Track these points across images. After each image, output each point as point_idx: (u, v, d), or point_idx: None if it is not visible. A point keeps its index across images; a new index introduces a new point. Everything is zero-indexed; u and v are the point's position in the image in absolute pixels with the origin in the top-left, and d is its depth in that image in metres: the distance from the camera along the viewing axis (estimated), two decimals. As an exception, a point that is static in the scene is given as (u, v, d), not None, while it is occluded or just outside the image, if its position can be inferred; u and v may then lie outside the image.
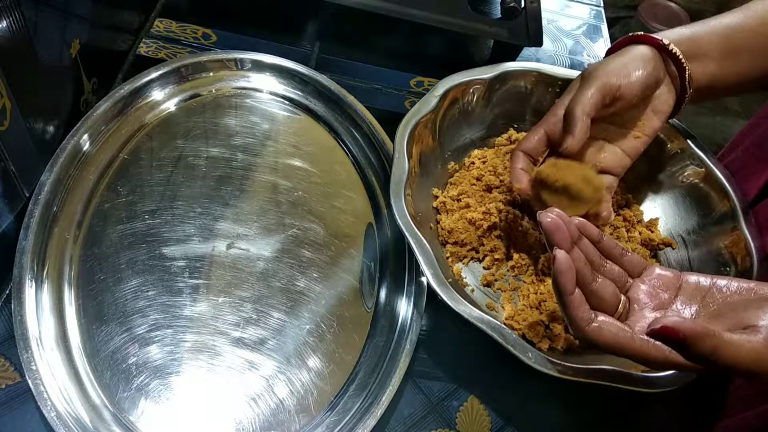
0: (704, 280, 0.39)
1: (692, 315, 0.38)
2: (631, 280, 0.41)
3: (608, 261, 0.41)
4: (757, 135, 0.57)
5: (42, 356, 0.43)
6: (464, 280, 0.53)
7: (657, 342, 0.34)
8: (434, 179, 0.57)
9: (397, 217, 0.48)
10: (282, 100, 0.61)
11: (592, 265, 0.39)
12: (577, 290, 0.37)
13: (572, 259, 0.37)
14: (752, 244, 0.51)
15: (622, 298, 0.39)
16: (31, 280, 0.46)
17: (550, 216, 0.37)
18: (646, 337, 0.35)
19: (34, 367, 0.42)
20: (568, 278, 0.36)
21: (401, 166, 0.51)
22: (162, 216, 0.52)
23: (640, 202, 0.59)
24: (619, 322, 0.37)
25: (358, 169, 0.58)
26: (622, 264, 0.41)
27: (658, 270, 0.41)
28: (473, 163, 0.59)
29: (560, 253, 0.36)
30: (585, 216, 0.46)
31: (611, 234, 0.55)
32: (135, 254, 0.49)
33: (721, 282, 0.38)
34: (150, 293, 0.48)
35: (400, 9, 0.65)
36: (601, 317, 0.36)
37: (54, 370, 0.43)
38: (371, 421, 0.44)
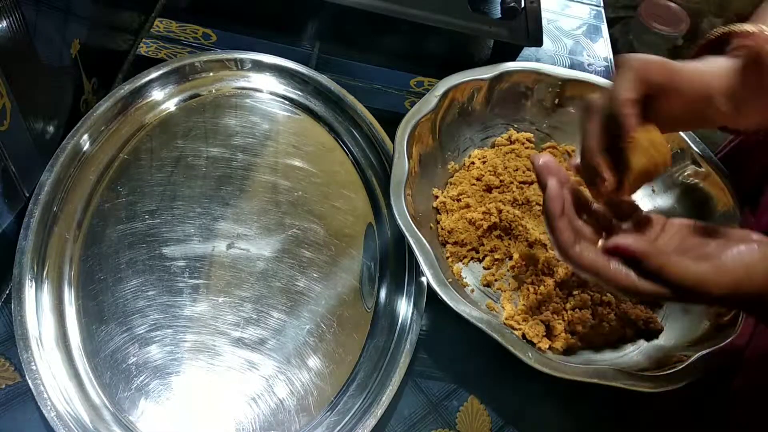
0: (687, 222, 0.41)
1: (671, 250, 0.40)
2: (615, 221, 0.43)
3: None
4: None
5: (42, 356, 0.43)
6: (464, 280, 0.53)
7: (629, 270, 0.37)
8: (434, 179, 0.57)
9: (397, 217, 0.48)
10: (282, 100, 0.61)
11: (577, 208, 0.42)
12: (565, 217, 0.39)
13: (559, 227, 0.39)
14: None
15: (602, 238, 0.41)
16: (31, 280, 0.46)
17: (543, 158, 0.41)
18: (620, 266, 0.37)
19: (34, 367, 0.42)
20: (556, 204, 0.39)
21: (401, 166, 0.51)
22: (162, 216, 0.52)
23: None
24: (598, 250, 0.39)
25: (358, 169, 0.58)
26: (609, 209, 0.43)
27: (643, 214, 0.43)
28: (473, 163, 0.59)
29: (552, 181, 0.39)
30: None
31: (611, 234, 0.55)
32: (135, 254, 0.49)
33: (701, 225, 0.40)
34: (150, 293, 0.48)
35: (400, 9, 0.65)
36: (584, 243, 0.39)
37: (54, 370, 0.43)
38: (371, 421, 0.44)
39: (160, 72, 0.58)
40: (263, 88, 0.61)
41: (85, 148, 0.53)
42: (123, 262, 0.49)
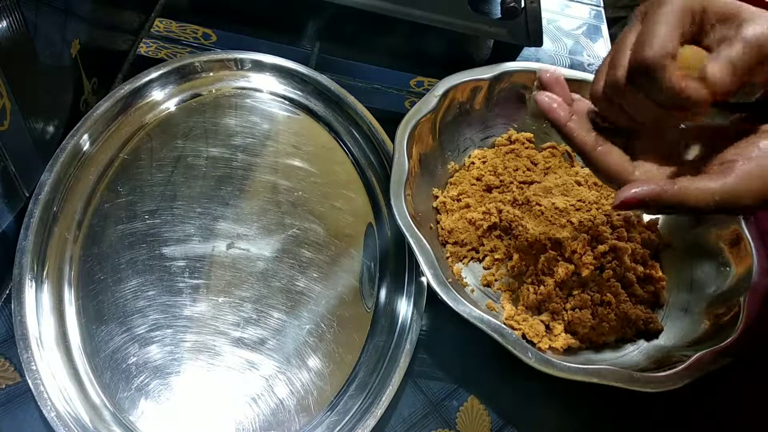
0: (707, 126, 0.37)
1: (695, 156, 0.37)
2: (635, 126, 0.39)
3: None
4: None
5: (42, 356, 0.43)
6: (464, 280, 0.53)
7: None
8: (434, 179, 0.57)
9: (397, 217, 0.48)
10: (282, 100, 0.61)
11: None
12: (575, 119, 0.38)
13: (572, 128, 0.38)
14: (752, 244, 0.51)
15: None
16: (31, 280, 0.46)
17: (546, 96, 0.39)
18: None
19: (34, 367, 0.42)
20: (557, 113, 0.38)
21: (401, 166, 0.51)
22: (162, 216, 0.52)
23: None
24: (621, 158, 0.37)
25: (358, 169, 0.58)
26: None
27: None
28: (473, 163, 0.59)
29: (539, 94, 0.39)
30: None
31: (611, 234, 0.55)
32: (135, 254, 0.49)
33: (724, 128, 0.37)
34: (150, 293, 0.48)
35: (400, 9, 0.65)
36: (609, 144, 0.37)
37: (54, 370, 0.43)
38: (371, 421, 0.44)
39: (160, 72, 0.58)
40: (263, 88, 0.61)
41: (85, 148, 0.53)
42: (123, 262, 0.49)
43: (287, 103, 0.61)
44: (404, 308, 0.50)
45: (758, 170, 0.32)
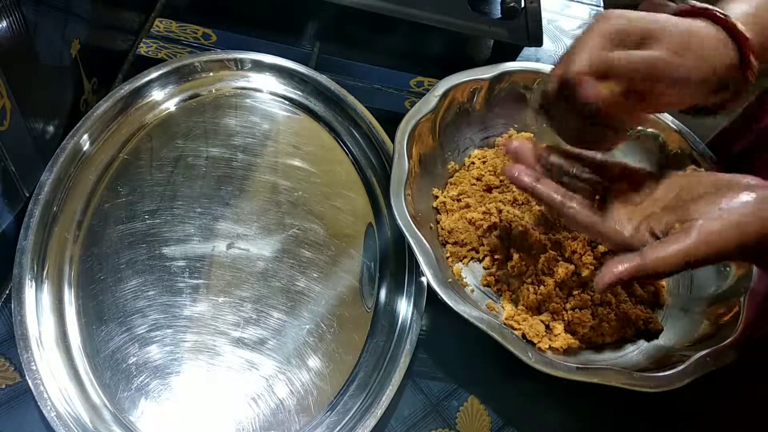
0: (681, 174, 0.42)
1: (663, 204, 0.40)
2: (607, 183, 0.44)
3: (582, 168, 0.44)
4: None
5: (42, 356, 0.43)
6: (464, 280, 0.53)
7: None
8: (434, 179, 0.57)
9: (397, 217, 0.48)
10: (282, 100, 0.61)
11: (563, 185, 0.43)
12: (543, 181, 0.43)
13: (540, 191, 0.42)
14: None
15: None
16: (31, 280, 0.46)
17: (510, 169, 0.44)
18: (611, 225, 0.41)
19: (34, 367, 0.42)
20: (523, 181, 0.42)
21: (401, 166, 0.51)
22: (162, 216, 0.52)
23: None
24: (589, 211, 0.42)
25: (358, 169, 0.58)
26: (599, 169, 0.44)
27: (633, 170, 0.44)
28: (473, 163, 0.59)
29: (507, 168, 0.43)
30: None
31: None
32: (135, 254, 0.49)
33: (696, 174, 0.41)
34: (150, 293, 0.48)
35: (400, 9, 0.65)
36: (577, 200, 0.42)
37: (54, 370, 0.43)
38: (371, 421, 0.44)
39: (160, 72, 0.58)
40: (263, 88, 0.61)
41: (85, 148, 0.53)
42: (123, 262, 0.49)
43: (287, 103, 0.61)
44: (404, 308, 0.50)
45: (717, 226, 0.35)
